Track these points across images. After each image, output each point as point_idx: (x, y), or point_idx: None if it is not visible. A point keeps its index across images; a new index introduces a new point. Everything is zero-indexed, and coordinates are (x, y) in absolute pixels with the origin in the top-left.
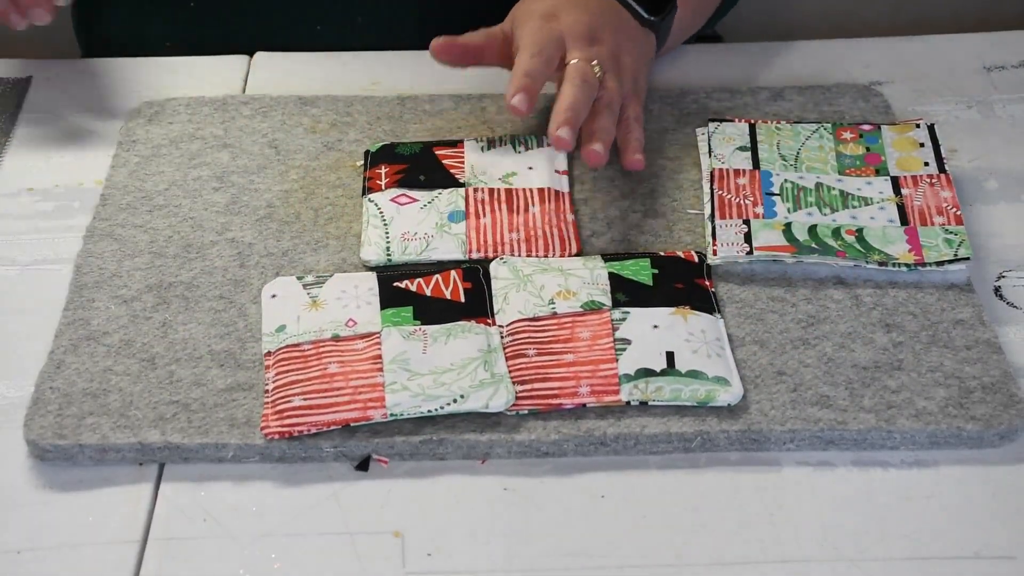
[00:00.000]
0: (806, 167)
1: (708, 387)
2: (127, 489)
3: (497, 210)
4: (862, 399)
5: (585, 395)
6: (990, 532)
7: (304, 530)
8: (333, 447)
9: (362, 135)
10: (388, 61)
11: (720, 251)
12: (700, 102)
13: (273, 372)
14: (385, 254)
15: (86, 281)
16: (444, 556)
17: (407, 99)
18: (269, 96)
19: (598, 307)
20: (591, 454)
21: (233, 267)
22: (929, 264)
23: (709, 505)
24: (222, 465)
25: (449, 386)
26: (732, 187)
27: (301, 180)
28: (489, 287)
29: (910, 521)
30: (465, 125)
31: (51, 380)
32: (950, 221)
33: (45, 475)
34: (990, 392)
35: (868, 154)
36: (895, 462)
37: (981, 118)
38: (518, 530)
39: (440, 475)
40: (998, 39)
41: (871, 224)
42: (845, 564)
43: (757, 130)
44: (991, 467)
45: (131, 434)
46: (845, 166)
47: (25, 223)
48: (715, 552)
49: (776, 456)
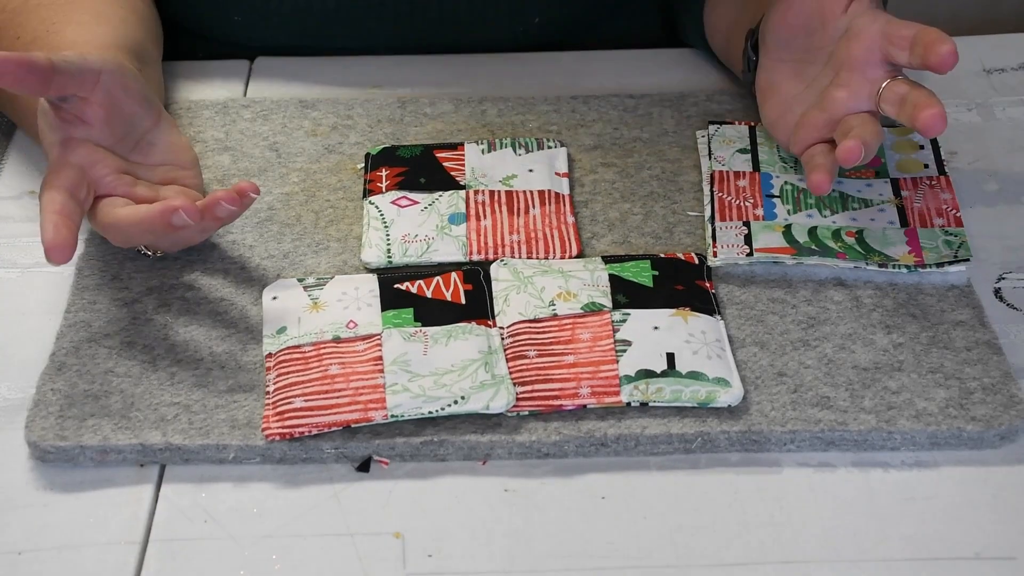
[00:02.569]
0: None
1: (708, 388)
2: (128, 490)
3: (497, 212)
4: (862, 400)
5: (586, 396)
6: (990, 533)
7: (305, 531)
8: (334, 448)
9: (363, 138)
10: (388, 64)
11: (720, 253)
12: (700, 105)
13: (274, 374)
14: (386, 256)
15: (87, 283)
16: (445, 557)
17: (407, 102)
18: (270, 99)
19: (598, 309)
20: (592, 455)
21: (234, 269)
22: (929, 266)
23: (709, 506)
24: (223, 466)
25: (450, 387)
26: (732, 189)
27: (302, 183)
28: (490, 289)
29: (910, 522)
30: (465, 128)
31: (52, 382)
32: (950, 223)
33: (46, 476)
34: (990, 393)
35: None
36: (895, 463)
37: (981, 120)
38: (519, 531)
39: (441, 476)
40: (998, 42)
41: (871, 226)
42: (845, 565)
43: (757, 132)
44: (991, 468)
45: (132, 435)
46: (845, 168)
47: (27, 226)
48: (715, 553)
49: (776, 457)
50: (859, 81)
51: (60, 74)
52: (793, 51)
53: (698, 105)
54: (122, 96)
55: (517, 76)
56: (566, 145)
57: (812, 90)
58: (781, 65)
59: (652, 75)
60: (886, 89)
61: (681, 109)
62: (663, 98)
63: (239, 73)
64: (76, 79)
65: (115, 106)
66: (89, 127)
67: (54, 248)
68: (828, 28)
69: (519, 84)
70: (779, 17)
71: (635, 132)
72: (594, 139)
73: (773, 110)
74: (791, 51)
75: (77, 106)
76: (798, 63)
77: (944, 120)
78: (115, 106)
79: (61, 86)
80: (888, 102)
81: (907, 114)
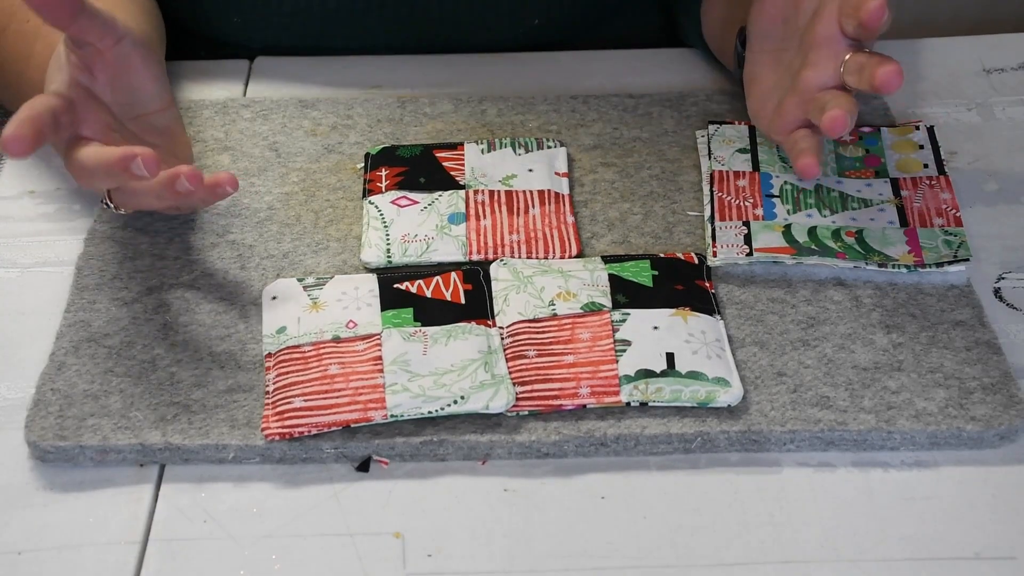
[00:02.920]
0: None
1: (708, 388)
2: (128, 490)
3: (497, 212)
4: (862, 400)
5: (585, 396)
6: (990, 533)
7: (305, 531)
8: (334, 448)
9: (362, 138)
10: (388, 64)
11: (720, 253)
12: (700, 104)
13: (273, 373)
14: (385, 256)
15: (87, 283)
16: (444, 557)
17: (407, 102)
18: (270, 99)
19: (598, 308)
20: (591, 455)
21: (234, 269)
22: (929, 265)
23: (709, 506)
24: (223, 466)
25: (449, 387)
26: (732, 189)
27: (301, 183)
28: (489, 289)
29: (910, 522)
30: (465, 128)
31: (52, 381)
32: (949, 223)
33: (46, 476)
34: (990, 393)
35: (868, 156)
36: (895, 463)
37: (981, 120)
38: (518, 531)
39: (441, 476)
40: (997, 41)
41: (871, 225)
42: (845, 565)
43: (757, 132)
44: (991, 468)
45: (132, 435)
46: (845, 168)
47: (27, 226)
48: (715, 553)
49: (776, 457)
50: (825, 58)
51: (87, 16)
52: (772, 41)
53: (698, 105)
54: (137, 67)
55: (517, 76)
56: (566, 145)
57: (787, 76)
58: (762, 56)
59: (652, 75)
60: (848, 62)
61: (681, 109)
62: (663, 98)
63: (239, 73)
64: (99, 29)
65: (125, 72)
66: (94, 80)
67: (12, 139)
68: (800, 13)
69: (519, 84)
70: (758, 9)
71: (635, 132)
72: (594, 139)
73: (756, 101)
74: (771, 41)
75: (90, 56)
76: (777, 52)
77: (900, 76)
78: (125, 72)
79: (84, 28)
80: (850, 73)
81: (865, 79)
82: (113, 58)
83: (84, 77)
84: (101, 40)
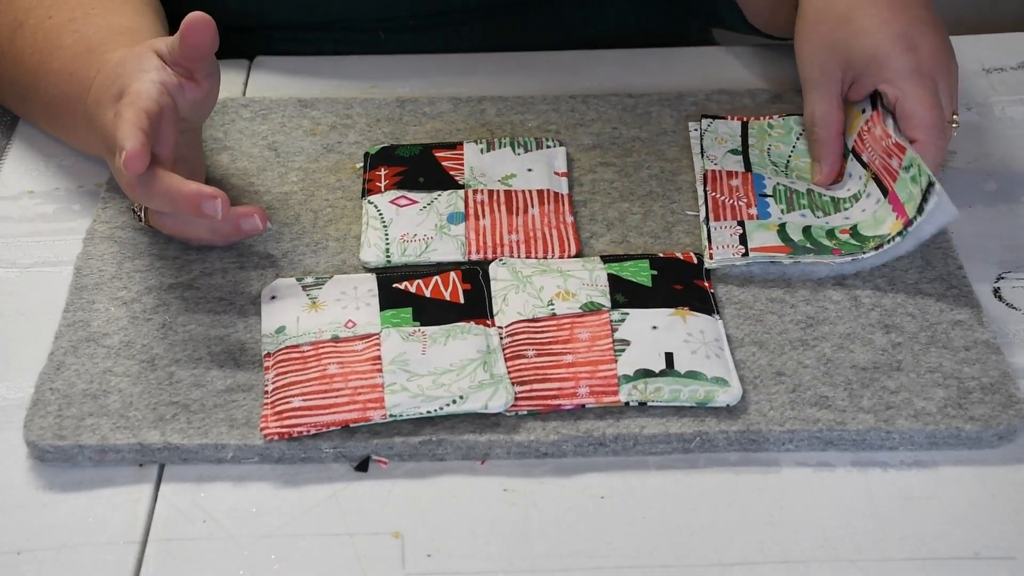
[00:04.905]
0: (796, 175)
1: (707, 388)
2: (127, 490)
3: (496, 212)
4: (861, 400)
5: (584, 396)
6: (989, 532)
7: (304, 531)
8: (332, 448)
9: (361, 137)
10: (387, 64)
11: (716, 254)
12: (699, 104)
13: (272, 373)
14: (384, 256)
15: (86, 283)
16: (444, 557)
17: (406, 101)
18: (269, 99)
19: (597, 308)
20: (590, 455)
21: (232, 269)
22: (914, 219)
23: (708, 506)
24: (222, 466)
25: (448, 387)
26: (725, 188)
27: (301, 182)
28: (488, 288)
29: (909, 521)
30: (464, 127)
31: (51, 381)
32: (900, 155)
33: (45, 476)
34: (989, 393)
35: None
36: (894, 463)
37: (980, 120)
38: (518, 531)
39: (440, 476)
40: (997, 41)
41: (863, 218)
42: (844, 564)
43: (749, 130)
44: (990, 467)
45: (131, 435)
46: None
47: (26, 226)
48: (714, 553)
49: (775, 457)
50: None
51: (212, 44)
52: None
53: (697, 105)
54: (213, 96)
55: (516, 75)
56: (565, 144)
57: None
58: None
59: (652, 75)
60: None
61: (680, 108)
62: (662, 97)
63: (238, 72)
64: (208, 58)
65: (207, 100)
66: (182, 94)
67: (133, 156)
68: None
69: (518, 83)
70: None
71: (634, 131)
72: (593, 138)
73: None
74: None
75: (183, 75)
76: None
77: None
78: (207, 100)
79: (204, 52)
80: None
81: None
82: (205, 87)
83: (175, 89)
84: (203, 69)
